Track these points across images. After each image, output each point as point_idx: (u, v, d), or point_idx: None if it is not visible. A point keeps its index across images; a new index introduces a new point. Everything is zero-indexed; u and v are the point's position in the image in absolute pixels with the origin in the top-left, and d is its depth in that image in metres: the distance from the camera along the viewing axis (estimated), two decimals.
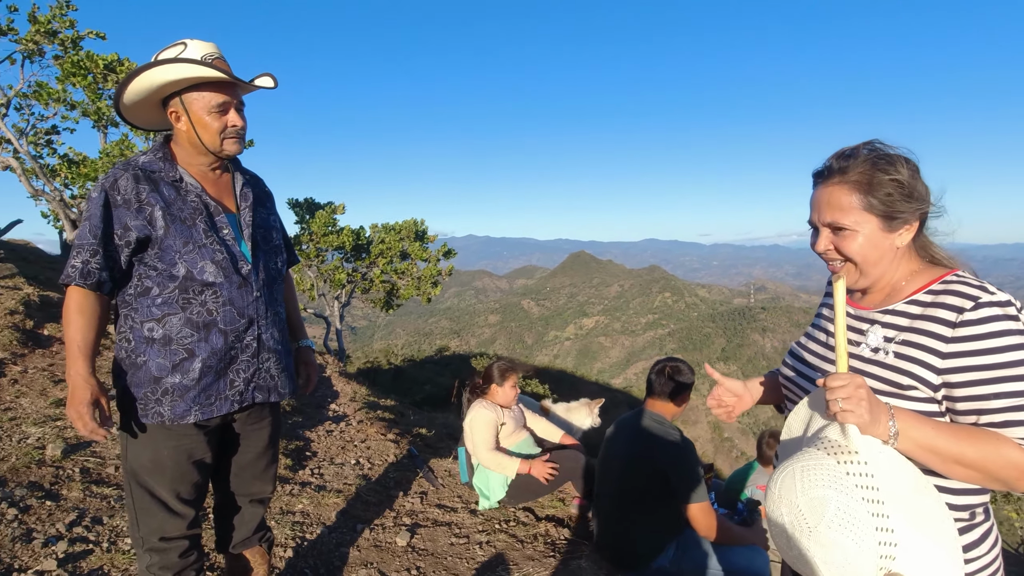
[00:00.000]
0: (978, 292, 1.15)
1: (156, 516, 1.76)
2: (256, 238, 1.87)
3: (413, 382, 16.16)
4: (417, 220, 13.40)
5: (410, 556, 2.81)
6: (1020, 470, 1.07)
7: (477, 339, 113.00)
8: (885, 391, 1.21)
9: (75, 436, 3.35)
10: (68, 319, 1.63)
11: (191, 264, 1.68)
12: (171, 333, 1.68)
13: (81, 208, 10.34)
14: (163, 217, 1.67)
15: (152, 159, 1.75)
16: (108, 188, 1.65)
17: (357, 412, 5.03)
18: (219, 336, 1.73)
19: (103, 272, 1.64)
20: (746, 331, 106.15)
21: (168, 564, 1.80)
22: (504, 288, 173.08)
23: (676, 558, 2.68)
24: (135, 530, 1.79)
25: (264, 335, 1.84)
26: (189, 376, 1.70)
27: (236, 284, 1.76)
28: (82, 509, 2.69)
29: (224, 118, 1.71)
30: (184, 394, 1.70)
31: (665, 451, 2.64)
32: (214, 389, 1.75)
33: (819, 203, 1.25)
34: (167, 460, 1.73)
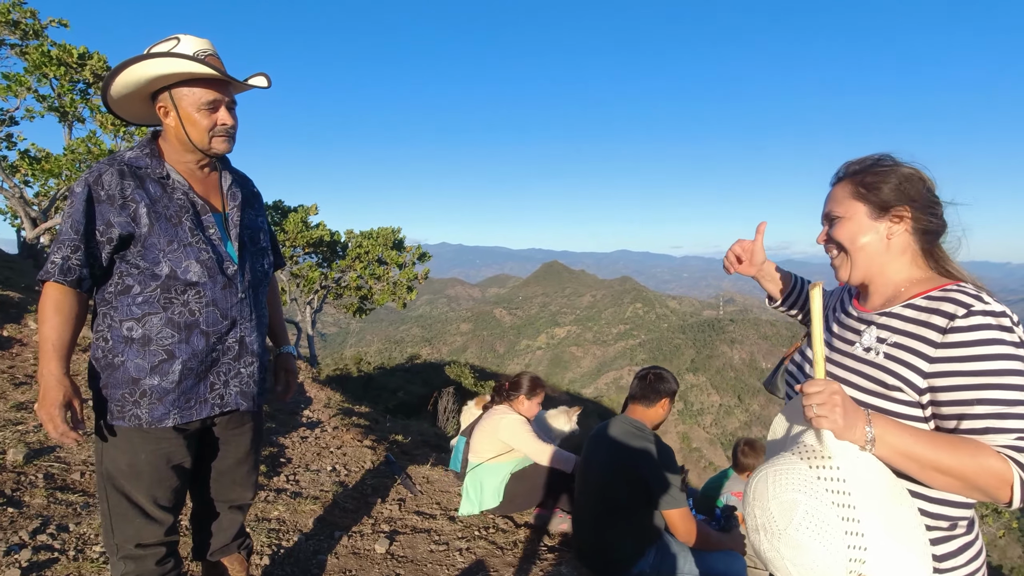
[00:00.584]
0: (972, 300, 1.17)
1: (132, 522, 1.70)
2: (243, 239, 1.83)
3: (384, 390, 15.99)
4: (394, 228, 13.33)
5: (389, 563, 2.77)
6: (999, 479, 1.06)
7: (449, 347, 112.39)
8: (871, 390, 1.23)
9: (38, 441, 3.22)
10: (44, 316, 1.57)
11: (175, 263, 1.64)
12: (151, 333, 1.63)
13: (42, 206, 10.00)
14: (147, 214, 1.63)
15: (138, 155, 1.70)
16: (92, 183, 1.60)
17: (332, 419, 4.95)
18: (201, 337, 1.68)
19: (83, 269, 1.59)
20: (715, 343, 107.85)
21: (144, 572, 1.74)
22: (476, 296, 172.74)
23: (655, 563, 2.70)
24: (109, 537, 1.72)
25: (247, 338, 1.79)
26: (168, 378, 1.65)
27: (221, 285, 1.71)
28: (46, 516, 2.59)
29: (214, 116, 1.67)
30: (163, 397, 1.65)
31: (644, 458, 2.66)
32: (194, 392, 1.70)
33: (826, 200, 1.35)
34: (145, 464, 1.67)
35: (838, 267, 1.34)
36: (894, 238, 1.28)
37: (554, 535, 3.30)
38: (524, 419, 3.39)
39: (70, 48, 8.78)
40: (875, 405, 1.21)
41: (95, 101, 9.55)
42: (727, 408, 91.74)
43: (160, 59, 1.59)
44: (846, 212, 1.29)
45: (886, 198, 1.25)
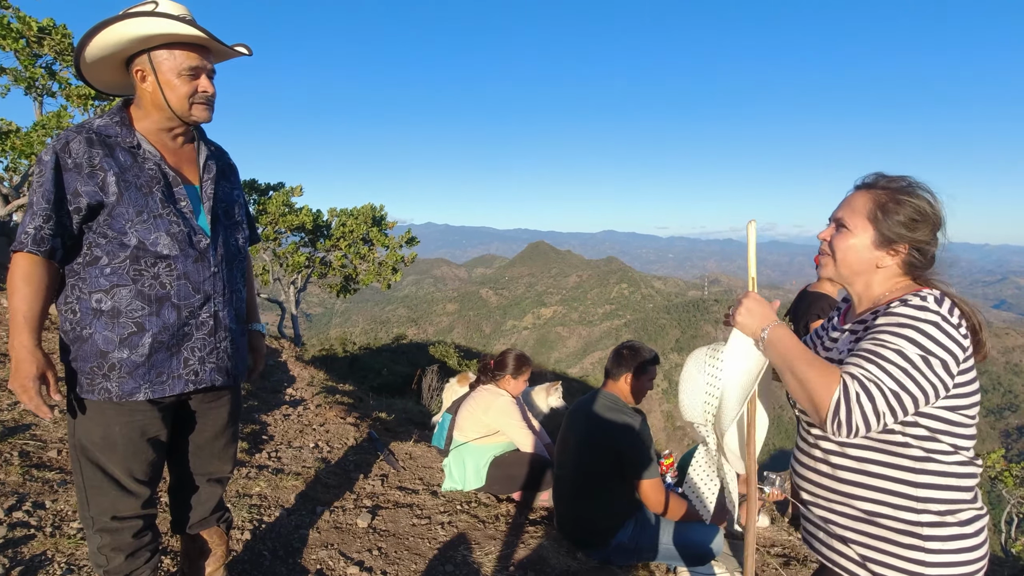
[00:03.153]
0: (914, 298, 1.26)
1: (108, 494, 1.69)
2: (217, 212, 1.80)
3: (369, 370, 15.96)
4: (375, 205, 13.17)
5: (371, 537, 2.79)
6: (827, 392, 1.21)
7: (435, 328, 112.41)
8: None
9: (12, 419, 3.18)
10: (13, 287, 1.53)
11: (143, 234, 1.61)
12: (120, 306, 1.60)
13: (13, 182, 9.75)
14: (116, 183, 1.59)
15: (108, 123, 1.65)
16: (59, 151, 1.56)
17: (315, 396, 4.94)
18: (172, 311, 1.66)
19: (56, 239, 1.55)
20: (700, 323, 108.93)
21: (120, 545, 1.72)
22: (463, 277, 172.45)
23: (635, 534, 2.75)
24: (84, 509, 1.71)
25: (221, 313, 1.77)
26: (138, 352, 1.62)
27: (192, 258, 1.68)
28: (22, 494, 2.56)
29: (195, 82, 1.62)
30: (133, 371, 1.62)
31: (618, 430, 2.69)
32: (166, 367, 1.67)
33: (843, 202, 1.42)
34: (118, 437, 1.65)
35: (823, 264, 1.44)
36: (884, 267, 1.36)
37: (536, 509, 3.34)
38: (514, 401, 3.40)
39: (29, 20, 8.48)
40: None
41: (63, 75, 9.26)
42: None
43: (144, 18, 1.53)
44: (854, 228, 1.36)
45: (895, 232, 1.32)
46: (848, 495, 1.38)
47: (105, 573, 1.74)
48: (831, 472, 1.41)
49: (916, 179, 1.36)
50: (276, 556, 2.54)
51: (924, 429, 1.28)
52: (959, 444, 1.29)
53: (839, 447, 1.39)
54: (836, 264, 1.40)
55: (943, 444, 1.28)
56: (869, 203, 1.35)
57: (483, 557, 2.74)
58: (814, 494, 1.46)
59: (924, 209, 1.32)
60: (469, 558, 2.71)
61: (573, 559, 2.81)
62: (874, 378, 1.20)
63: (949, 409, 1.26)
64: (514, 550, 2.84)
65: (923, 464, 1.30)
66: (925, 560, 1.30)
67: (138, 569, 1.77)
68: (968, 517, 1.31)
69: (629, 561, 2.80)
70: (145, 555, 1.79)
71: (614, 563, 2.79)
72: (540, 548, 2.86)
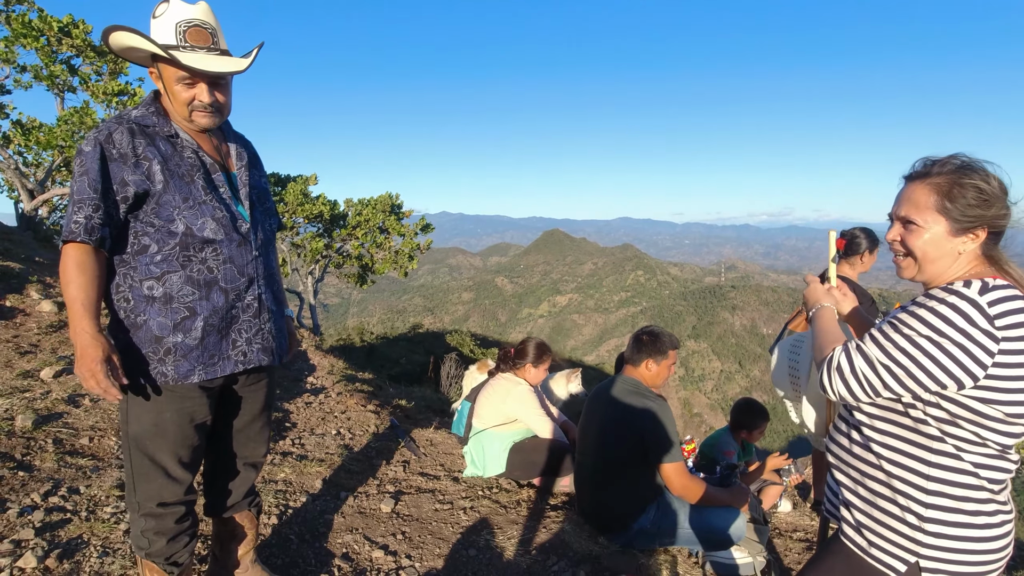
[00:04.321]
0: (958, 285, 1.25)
1: (155, 481, 1.73)
2: (252, 198, 1.85)
3: (386, 359, 16.11)
4: (392, 194, 13.23)
5: (395, 522, 2.83)
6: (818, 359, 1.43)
7: (451, 316, 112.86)
8: None
9: (46, 407, 3.26)
10: (68, 277, 1.55)
11: (190, 221, 1.65)
12: (172, 291, 1.65)
13: (38, 177, 9.92)
14: (161, 171, 1.63)
15: (145, 113, 1.68)
16: (103, 142, 1.58)
17: (335, 385, 4.99)
18: (220, 294, 1.71)
19: (104, 228, 1.58)
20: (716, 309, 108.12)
21: (163, 529, 1.77)
22: (478, 265, 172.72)
23: (656, 519, 2.75)
24: (131, 494, 1.76)
25: (264, 295, 1.82)
26: (191, 335, 1.67)
27: (236, 243, 1.73)
28: (57, 479, 2.63)
29: (191, 91, 1.65)
30: (187, 353, 1.67)
31: (640, 414, 2.69)
32: (217, 349, 1.72)
33: (901, 198, 1.37)
34: (169, 423, 1.70)
35: (903, 267, 1.39)
36: (964, 253, 1.32)
37: (556, 494, 3.37)
38: (533, 389, 3.41)
39: (50, 19, 8.57)
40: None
41: (84, 71, 9.39)
42: (728, 374, 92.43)
43: (129, 34, 1.59)
44: (926, 223, 1.31)
45: (970, 217, 1.28)
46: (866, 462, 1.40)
47: (147, 555, 1.79)
48: (856, 439, 1.43)
49: (966, 155, 1.31)
50: (303, 540, 2.58)
51: (945, 412, 1.26)
52: (989, 437, 1.25)
53: (868, 418, 1.39)
54: (919, 262, 1.34)
55: (966, 432, 1.26)
56: (932, 194, 1.30)
57: (505, 541, 2.76)
58: (838, 457, 1.49)
59: (988, 187, 1.28)
60: (492, 542, 2.74)
61: (595, 543, 2.83)
62: (866, 350, 1.30)
63: (981, 400, 1.22)
64: (536, 534, 2.86)
65: (938, 445, 1.28)
66: (920, 540, 1.30)
67: (178, 552, 1.82)
68: (985, 510, 1.28)
69: (651, 545, 2.81)
70: (184, 539, 1.83)
71: (635, 547, 2.80)
72: (561, 532, 2.88)
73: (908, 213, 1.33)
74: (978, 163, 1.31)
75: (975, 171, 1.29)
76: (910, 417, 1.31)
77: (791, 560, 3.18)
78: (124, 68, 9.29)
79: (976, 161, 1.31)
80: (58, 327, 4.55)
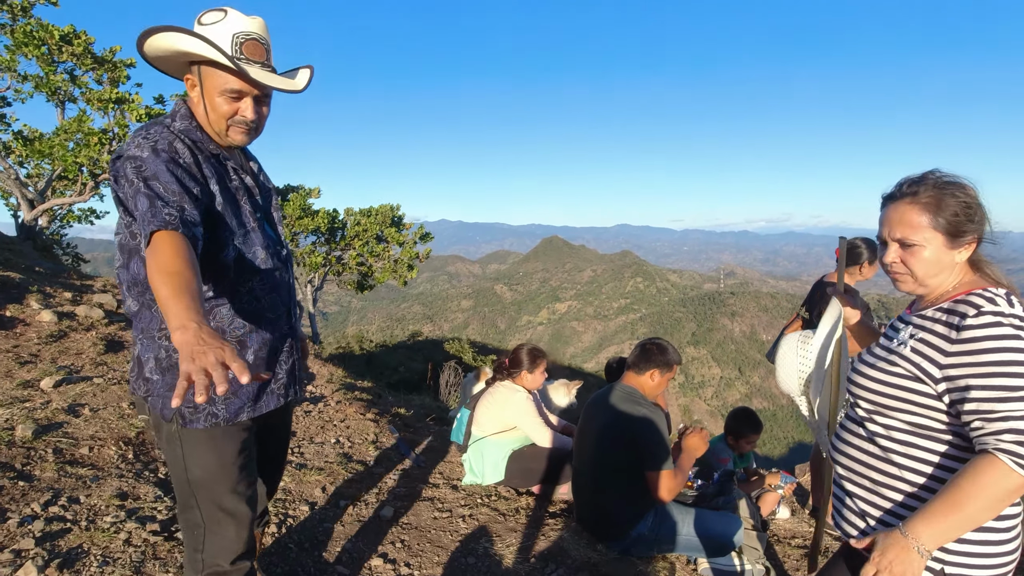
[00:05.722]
0: (984, 303, 1.27)
1: (228, 531, 1.58)
2: (276, 221, 1.77)
3: (385, 367, 16.13)
4: (393, 205, 13.29)
5: (395, 530, 2.84)
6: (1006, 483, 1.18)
7: (450, 324, 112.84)
8: (904, 373, 1.37)
9: (45, 417, 3.27)
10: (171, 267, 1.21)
11: (244, 250, 1.54)
12: (223, 325, 1.52)
13: (38, 187, 9.96)
14: (220, 193, 1.50)
15: (188, 127, 1.53)
16: (164, 148, 1.41)
17: (335, 393, 5.00)
18: (267, 326, 1.61)
19: (200, 228, 1.37)
20: (716, 316, 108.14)
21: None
22: (477, 273, 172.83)
23: (654, 525, 2.76)
24: (196, 553, 1.59)
25: (295, 322, 1.75)
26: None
27: (278, 270, 1.64)
28: (57, 489, 2.64)
29: (236, 104, 1.52)
30: (238, 391, 1.55)
31: (634, 421, 2.71)
32: (263, 384, 1.62)
33: (890, 220, 1.40)
34: (230, 459, 1.56)
35: (902, 282, 1.42)
36: (959, 262, 1.37)
37: (555, 502, 3.37)
38: (531, 397, 3.42)
39: (51, 28, 8.63)
40: (907, 387, 1.36)
41: (83, 79, 9.45)
42: (728, 380, 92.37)
43: (187, 36, 1.47)
44: (924, 241, 1.35)
45: (963, 229, 1.33)
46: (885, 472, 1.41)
47: None
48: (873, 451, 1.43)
49: (940, 170, 1.37)
50: (302, 549, 2.59)
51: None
52: None
53: (885, 429, 1.41)
54: (918, 280, 1.39)
55: None
56: (924, 212, 1.34)
57: (504, 549, 2.77)
58: (849, 468, 1.49)
59: (969, 196, 1.34)
60: (491, 550, 2.75)
61: (593, 550, 2.84)
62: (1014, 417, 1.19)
63: None
64: (535, 542, 2.87)
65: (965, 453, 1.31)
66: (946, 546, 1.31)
67: None
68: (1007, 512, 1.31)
69: (649, 552, 2.82)
70: None
71: (633, 554, 2.81)
72: (560, 540, 2.89)
73: (905, 235, 1.36)
74: (955, 177, 1.36)
75: (956, 184, 1.35)
76: (933, 423, 1.33)
77: (789, 566, 3.18)
78: (123, 77, 9.35)
79: (952, 175, 1.37)
80: (58, 337, 4.57)
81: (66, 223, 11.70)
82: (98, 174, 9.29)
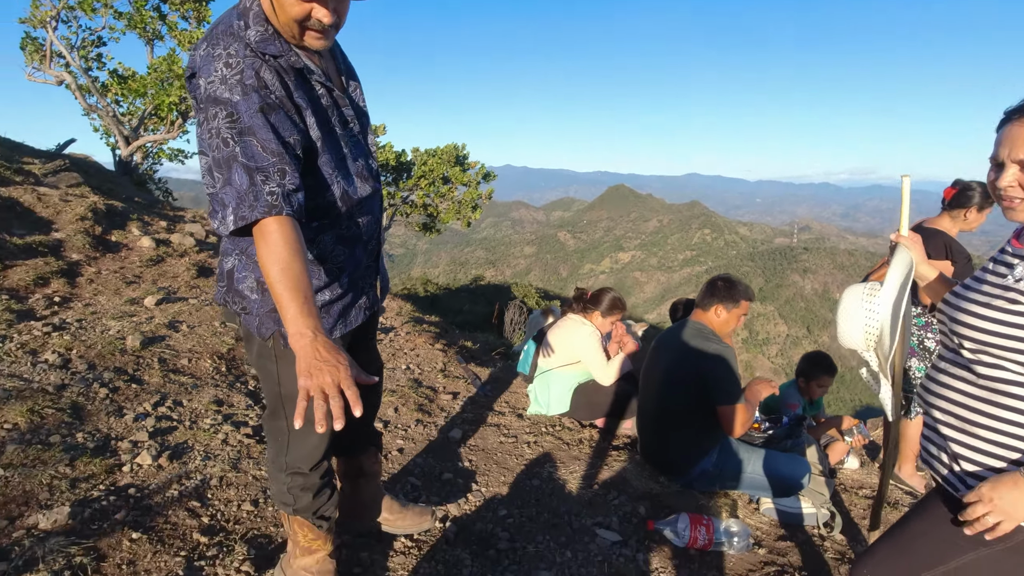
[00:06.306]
0: None
1: (311, 440, 1.64)
2: (366, 129, 1.63)
3: (448, 310, 16.54)
4: (458, 145, 13.29)
5: (463, 450, 2.98)
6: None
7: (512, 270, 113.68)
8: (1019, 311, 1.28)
9: (150, 330, 3.58)
10: (282, 262, 1.20)
11: (345, 183, 1.46)
12: (324, 252, 1.50)
13: (132, 124, 10.55)
14: (317, 124, 1.37)
15: (264, 35, 1.31)
16: (256, 85, 1.26)
17: (404, 325, 5.20)
18: (363, 249, 1.60)
19: (300, 193, 1.29)
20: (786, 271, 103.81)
21: (309, 486, 1.71)
22: (541, 220, 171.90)
23: (719, 462, 2.78)
24: (280, 456, 1.66)
25: (382, 238, 1.73)
26: (335, 292, 1.55)
27: (373, 190, 1.58)
28: (163, 393, 2.92)
29: (307, 6, 1.28)
30: (329, 309, 1.57)
31: (704, 356, 2.68)
32: (352, 302, 1.63)
33: (1012, 139, 1.28)
34: None
35: (1015, 211, 1.31)
36: None
37: (619, 436, 3.44)
38: (597, 334, 3.45)
39: None
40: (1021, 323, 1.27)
41: (171, 19, 9.79)
42: (794, 339, 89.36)
43: None
44: None
45: None
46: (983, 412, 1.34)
47: (295, 511, 1.73)
48: (980, 395, 1.36)
49: None
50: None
51: None
52: None
53: (994, 371, 1.33)
54: None
55: None
56: None
57: (568, 475, 2.87)
58: (947, 412, 1.42)
59: None
60: (554, 474, 2.86)
61: (655, 482, 2.89)
62: None
63: None
64: (598, 471, 2.95)
65: None
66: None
67: (324, 506, 1.76)
68: None
69: (711, 487, 2.85)
70: (327, 492, 1.77)
71: (696, 488, 2.84)
72: (623, 471, 2.96)
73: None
74: None
75: None
76: None
77: (856, 515, 3.14)
78: (207, 15, 9.61)
79: None
80: (156, 261, 4.93)
81: (157, 160, 12.40)
82: (186, 112, 9.72)
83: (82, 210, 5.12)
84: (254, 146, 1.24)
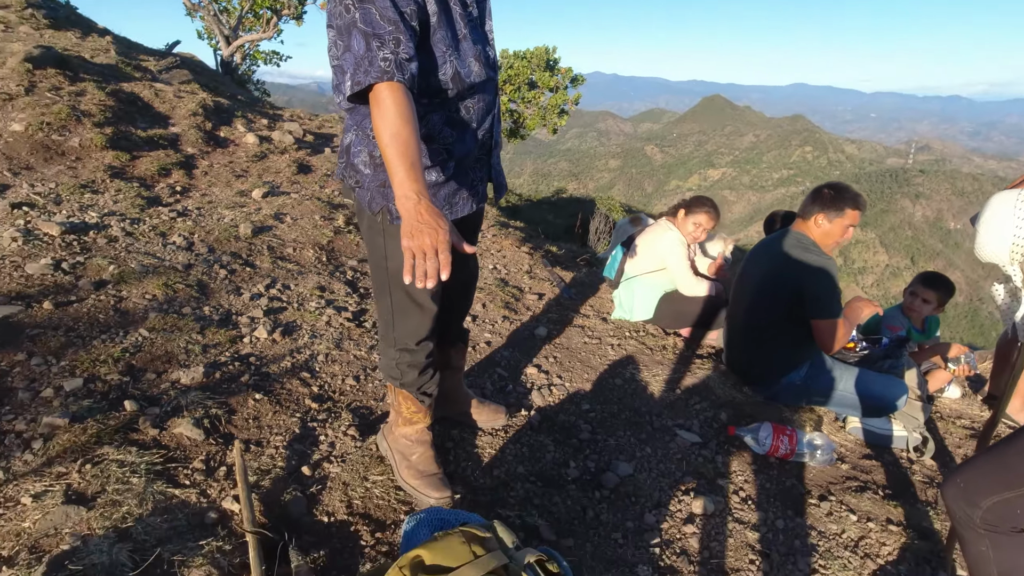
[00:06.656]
0: None
1: (413, 318, 1.71)
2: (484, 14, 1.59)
3: (530, 220, 16.51)
4: (548, 48, 12.69)
5: (547, 347, 3.08)
6: None
7: (595, 183, 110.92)
8: None
9: (259, 220, 3.83)
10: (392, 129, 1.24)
11: (459, 65, 1.45)
12: (432, 132, 1.51)
13: (231, 24, 10.78)
14: (435, 2, 1.36)
15: None
16: None
17: (490, 228, 5.27)
18: (473, 136, 1.60)
19: (415, 63, 1.30)
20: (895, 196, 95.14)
21: (415, 362, 1.81)
22: (628, 132, 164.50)
23: (808, 376, 2.72)
24: (388, 330, 1.76)
25: (496, 128, 1.70)
26: (443, 175, 1.57)
27: (488, 78, 1.55)
28: (273, 277, 3.16)
29: None
30: (437, 192, 1.59)
31: (802, 267, 2.56)
32: (460, 189, 1.64)
33: None
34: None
35: None
36: None
37: (704, 346, 3.42)
38: (684, 241, 3.36)
39: None
40: None
41: None
42: (895, 269, 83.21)
43: None
44: None
45: None
46: None
47: (401, 385, 1.84)
48: None
49: None
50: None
51: None
52: None
53: None
54: None
55: None
56: None
57: (650, 378, 2.91)
58: None
59: None
60: (637, 376, 2.91)
61: (739, 392, 2.89)
62: None
63: None
64: (680, 377, 2.98)
65: None
66: None
67: (427, 383, 1.86)
68: None
69: (797, 401, 2.81)
70: (431, 371, 1.87)
71: (781, 401, 2.81)
72: (707, 379, 2.96)
73: None
74: None
75: None
76: None
77: (950, 443, 3.03)
78: None
79: None
80: (260, 157, 5.19)
81: (255, 61, 12.72)
82: (279, 9, 9.77)
83: (193, 106, 5.40)
84: (372, 13, 1.26)
